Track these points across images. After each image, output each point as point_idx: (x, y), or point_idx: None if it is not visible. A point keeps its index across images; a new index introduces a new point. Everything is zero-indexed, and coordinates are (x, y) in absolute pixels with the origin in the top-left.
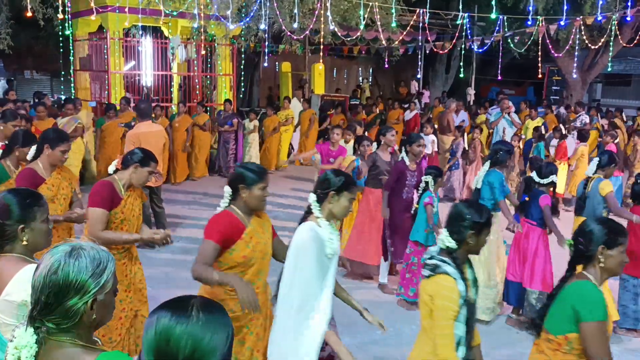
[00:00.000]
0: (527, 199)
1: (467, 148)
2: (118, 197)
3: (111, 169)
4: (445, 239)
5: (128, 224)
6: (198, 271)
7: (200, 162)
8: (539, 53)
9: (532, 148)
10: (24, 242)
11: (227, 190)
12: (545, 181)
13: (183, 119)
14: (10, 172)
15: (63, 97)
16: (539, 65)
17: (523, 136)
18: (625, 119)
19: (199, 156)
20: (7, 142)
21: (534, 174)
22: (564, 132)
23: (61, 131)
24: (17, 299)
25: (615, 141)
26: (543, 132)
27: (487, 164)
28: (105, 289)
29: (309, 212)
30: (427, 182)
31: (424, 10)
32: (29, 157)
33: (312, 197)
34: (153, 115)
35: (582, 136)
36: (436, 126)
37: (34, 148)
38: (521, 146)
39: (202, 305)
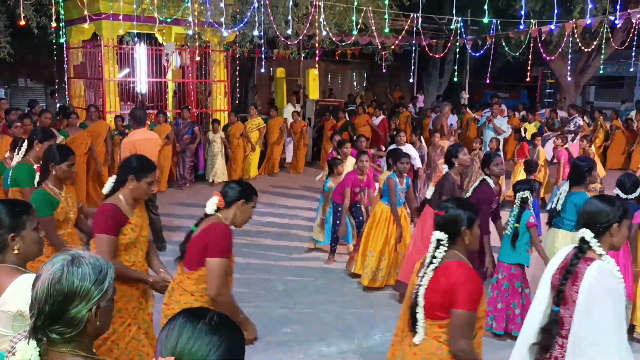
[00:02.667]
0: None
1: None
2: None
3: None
4: None
5: None
6: (464, 349)
7: (163, 175)
8: (530, 56)
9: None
10: (15, 252)
11: (439, 236)
12: (631, 196)
13: (162, 127)
14: (57, 195)
15: (58, 105)
16: (528, 68)
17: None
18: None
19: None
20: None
21: (617, 191)
22: (522, 135)
23: (148, 159)
24: (12, 309)
25: (566, 146)
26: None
27: (567, 182)
28: (107, 296)
29: (582, 250)
30: (524, 199)
31: (417, 14)
32: (105, 190)
33: (588, 234)
34: (150, 122)
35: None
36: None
37: (111, 180)
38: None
39: (219, 315)
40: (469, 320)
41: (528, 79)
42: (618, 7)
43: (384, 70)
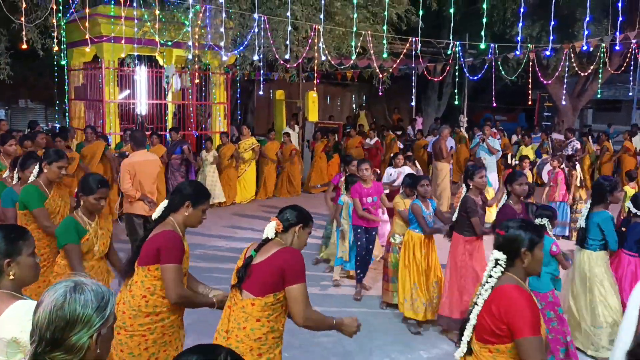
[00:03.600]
0: (623, 229)
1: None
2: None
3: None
4: None
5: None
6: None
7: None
8: (529, 80)
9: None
10: (11, 277)
11: (498, 255)
12: None
13: (157, 149)
14: (85, 225)
15: (58, 126)
16: (529, 92)
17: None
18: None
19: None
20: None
21: (629, 205)
22: (509, 161)
23: (203, 185)
24: (6, 336)
25: (562, 166)
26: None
27: (589, 202)
28: (109, 323)
29: None
30: (542, 226)
31: (416, 38)
32: (155, 215)
33: None
34: (148, 142)
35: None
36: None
37: (162, 205)
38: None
39: (232, 354)
40: (537, 345)
41: (530, 103)
42: (617, 32)
43: (381, 93)
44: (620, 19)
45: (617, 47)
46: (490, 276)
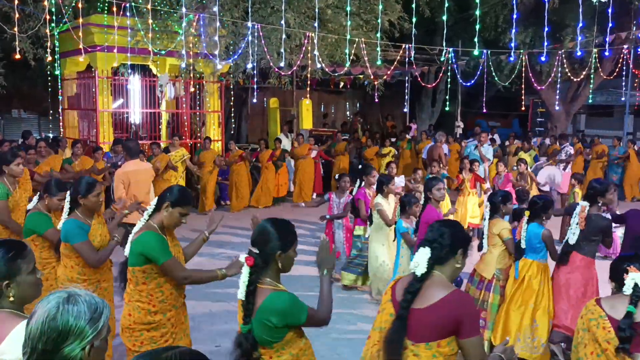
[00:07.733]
0: None
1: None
2: None
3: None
4: None
5: None
6: None
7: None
8: (522, 86)
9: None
10: (11, 299)
11: None
12: None
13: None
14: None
15: (51, 136)
16: (522, 98)
17: (515, 167)
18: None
19: None
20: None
21: None
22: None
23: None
24: (12, 357)
25: (506, 171)
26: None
27: None
28: (102, 335)
29: None
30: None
31: (410, 45)
32: (421, 268)
33: None
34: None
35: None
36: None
37: (425, 252)
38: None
39: (181, 354)
40: None
41: (523, 109)
42: (607, 38)
43: (376, 100)
44: (610, 24)
45: (606, 53)
46: None
